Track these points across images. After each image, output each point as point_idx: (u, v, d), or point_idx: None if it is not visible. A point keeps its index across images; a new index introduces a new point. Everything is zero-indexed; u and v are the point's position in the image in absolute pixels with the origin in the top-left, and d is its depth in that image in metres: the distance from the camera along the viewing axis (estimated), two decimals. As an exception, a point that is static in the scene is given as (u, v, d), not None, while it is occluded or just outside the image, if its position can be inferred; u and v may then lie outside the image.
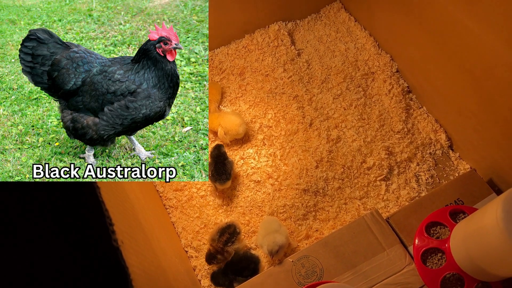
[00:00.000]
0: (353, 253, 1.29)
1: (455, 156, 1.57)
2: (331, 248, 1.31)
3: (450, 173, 1.54)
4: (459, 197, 1.36)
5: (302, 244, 1.43)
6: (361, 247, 1.30)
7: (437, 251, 1.23)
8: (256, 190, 1.52)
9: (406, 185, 1.52)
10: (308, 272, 1.28)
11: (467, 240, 1.06)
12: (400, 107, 1.64)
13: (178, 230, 1.50)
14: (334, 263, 1.29)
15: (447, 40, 1.39)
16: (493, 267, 1.01)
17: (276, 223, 1.39)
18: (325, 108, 1.67)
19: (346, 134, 1.61)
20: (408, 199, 1.48)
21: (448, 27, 1.36)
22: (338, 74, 1.73)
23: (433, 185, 1.52)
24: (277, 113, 1.67)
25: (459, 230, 1.14)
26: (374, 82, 1.72)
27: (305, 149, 1.57)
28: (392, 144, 1.58)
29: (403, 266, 1.26)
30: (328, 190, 1.50)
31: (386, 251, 1.29)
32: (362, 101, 1.67)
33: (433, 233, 1.27)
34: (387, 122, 1.62)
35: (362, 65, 1.76)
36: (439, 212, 1.30)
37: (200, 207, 1.51)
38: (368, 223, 1.33)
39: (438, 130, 1.60)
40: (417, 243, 1.26)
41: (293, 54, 1.79)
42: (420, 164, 1.56)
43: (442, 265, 1.20)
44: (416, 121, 1.64)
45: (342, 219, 1.47)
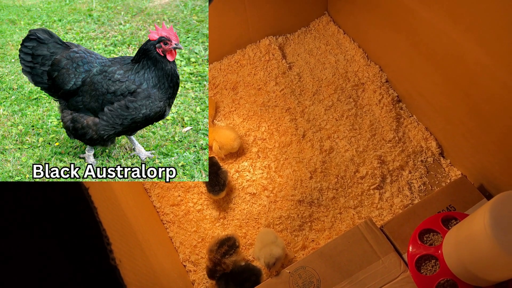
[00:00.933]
0: (349, 262, 1.31)
1: (446, 163, 1.60)
2: (327, 258, 1.33)
3: (441, 180, 1.57)
4: (451, 204, 1.39)
5: (299, 255, 1.45)
6: (356, 256, 1.32)
7: (430, 258, 1.25)
8: (252, 203, 1.54)
9: (399, 193, 1.54)
10: (306, 283, 1.30)
11: (459, 247, 1.08)
12: (391, 117, 1.67)
13: (176, 245, 1.51)
14: (330, 272, 1.30)
15: (433, 51, 1.43)
16: (484, 272, 1.03)
17: (272, 234, 1.41)
18: (317, 119, 1.70)
19: (339, 145, 1.63)
20: (402, 206, 1.51)
21: (434, 38, 1.39)
22: (329, 86, 1.77)
23: (426, 192, 1.55)
24: (270, 126, 1.69)
25: (450, 237, 1.16)
26: (365, 92, 1.76)
27: (299, 160, 1.60)
28: (384, 153, 1.61)
29: (398, 273, 1.28)
30: (322, 200, 1.53)
31: (381, 259, 1.31)
32: (353, 112, 1.70)
33: (426, 240, 1.29)
34: (378, 132, 1.65)
35: (352, 76, 1.79)
36: (431, 219, 1.32)
37: (197, 221, 1.53)
38: (363, 232, 1.35)
39: (428, 138, 1.63)
40: (411, 250, 1.28)
41: (284, 67, 1.83)
42: (412, 171, 1.58)
43: (436, 272, 1.22)
44: (406, 130, 1.67)
45: (337, 228, 1.49)
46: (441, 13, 1.32)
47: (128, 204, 1.14)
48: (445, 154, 1.62)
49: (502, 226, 0.90)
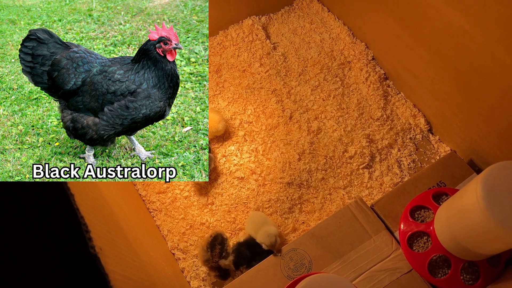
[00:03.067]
0: (340, 243, 1.29)
1: (435, 139, 1.59)
2: (318, 239, 1.31)
3: (431, 157, 1.56)
4: (441, 180, 1.37)
5: (289, 238, 1.43)
6: (347, 236, 1.30)
7: (422, 235, 1.24)
8: (240, 187, 1.50)
9: (389, 171, 1.52)
10: (297, 265, 1.28)
11: (450, 222, 1.07)
12: (378, 94, 1.65)
13: (164, 233, 1.48)
14: (322, 254, 1.28)
15: (419, 25, 1.40)
16: (477, 246, 1.02)
17: (261, 216, 1.39)
18: (304, 100, 1.66)
19: (326, 125, 1.60)
20: (392, 185, 1.49)
21: (419, 12, 1.36)
22: (315, 66, 1.73)
23: (415, 169, 1.53)
24: (256, 108, 1.65)
25: (442, 212, 1.15)
26: (351, 71, 1.72)
27: (286, 142, 1.56)
28: (372, 132, 1.58)
29: (390, 252, 1.26)
30: (312, 182, 1.50)
31: (373, 238, 1.29)
32: (340, 91, 1.67)
33: (417, 217, 1.28)
34: (366, 110, 1.63)
35: (338, 55, 1.76)
36: (422, 196, 1.31)
37: (184, 208, 1.50)
38: (353, 212, 1.33)
39: (417, 115, 1.62)
40: (402, 228, 1.27)
41: (268, 48, 1.78)
42: (401, 149, 1.57)
43: (428, 248, 1.21)
44: (394, 107, 1.65)
45: (327, 209, 1.47)
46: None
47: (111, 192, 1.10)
48: (434, 131, 1.60)
49: (495, 198, 0.88)
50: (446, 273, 1.18)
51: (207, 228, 1.46)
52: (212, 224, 1.46)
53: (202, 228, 1.46)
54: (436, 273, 1.20)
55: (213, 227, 1.46)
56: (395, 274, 1.23)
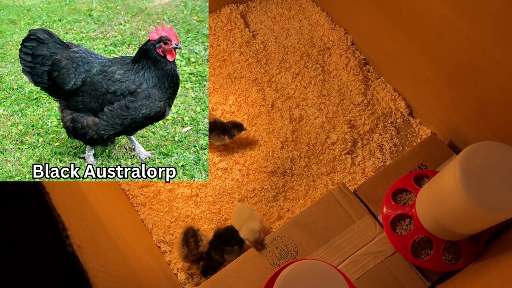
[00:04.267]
0: (325, 229, 1.30)
1: (416, 122, 1.60)
2: (303, 226, 1.31)
3: (412, 140, 1.57)
4: (422, 162, 1.39)
5: (275, 226, 1.43)
6: (331, 222, 1.31)
7: (405, 217, 1.25)
8: (224, 178, 1.50)
9: (371, 156, 1.53)
10: (283, 253, 1.28)
11: (431, 204, 1.08)
12: (359, 80, 1.65)
13: (149, 227, 1.47)
14: (307, 240, 1.29)
15: (397, 10, 1.40)
16: (457, 226, 1.04)
17: (247, 209, 1.38)
18: (285, 88, 1.66)
19: (308, 112, 1.60)
20: (374, 169, 1.51)
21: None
22: (295, 53, 1.72)
23: (397, 153, 1.55)
24: (238, 98, 1.64)
25: (423, 195, 1.17)
26: (331, 57, 1.72)
27: (269, 131, 1.56)
28: (353, 117, 1.59)
29: (374, 235, 1.28)
30: (295, 170, 1.50)
31: (357, 223, 1.30)
32: (321, 78, 1.67)
33: (399, 200, 1.30)
34: (347, 96, 1.63)
35: (317, 41, 1.75)
36: (404, 179, 1.32)
37: (168, 201, 1.49)
38: (337, 198, 1.34)
39: (397, 99, 1.63)
40: (385, 211, 1.29)
41: (248, 36, 1.77)
42: (383, 134, 1.58)
43: (411, 230, 1.23)
44: (375, 92, 1.65)
45: (311, 196, 1.47)
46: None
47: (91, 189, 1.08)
48: (414, 114, 1.61)
49: (472, 179, 0.90)
50: (429, 254, 1.20)
51: (192, 220, 1.46)
52: (197, 216, 1.46)
53: (187, 220, 1.46)
54: (419, 254, 1.22)
55: (198, 219, 1.46)
56: (380, 257, 1.25)
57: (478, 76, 1.22)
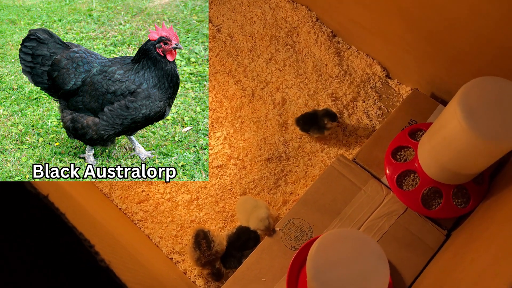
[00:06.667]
0: (334, 202, 1.30)
1: (394, 83, 1.62)
2: (312, 204, 1.31)
3: (395, 100, 1.59)
4: (411, 118, 1.41)
5: (282, 211, 1.42)
6: (338, 194, 1.31)
7: (409, 173, 1.27)
8: (222, 175, 1.47)
9: (359, 123, 1.55)
10: (298, 234, 1.27)
11: (435, 151, 1.09)
12: (331, 53, 1.66)
13: (156, 241, 1.42)
14: (319, 217, 1.29)
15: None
16: (465, 167, 1.06)
17: (250, 200, 1.37)
18: (261, 75, 1.64)
19: (290, 94, 1.60)
20: (366, 135, 1.52)
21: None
22: (263, 39, 1.71)
23: (384, 116, 1.56)
24: (217, 94, 1.62)
25: (424, 146, 1.18)
26: (299, 36, 1.72)
27: (255, 120, 1.55)
28: (334, 90, 1.60)
29: (382, 198, 1.29)
30: (290, 152, 1.50)
31: (363, 189, 1.31)
32: (294, 58, 1.66)
33: (399, 158, 1.31)
34: (323, 71, 1.64)
35: (283, 23, 1.75)
36: (399, 137, 1.34)
37: (170, 211, 1.45)
38: (338, 169, 1.34)
39: (372, 64, 1.64)
40: (388, 172, 1.30)
41: (213, 31, 1.74)
42: (366, 100, 1.59)
43: (418, 184, 1.24)
44: (349, 62, 1.67)
45: (311, 174, 1.47)
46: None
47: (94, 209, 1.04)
48: (392, 75, 1.64)
49: (474, 114, 0.91)
50: (440, 202, 1.22)
51: (198, 225, 1.43)
52: (202, 219, 1.43)
53: (193, 225, 1.42)
54: (430, 206, 1.23)
55: (204, 222, 1.43)
56: (393, 217, 1.26)
57: (448, 23, 1.25)
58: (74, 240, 0.60)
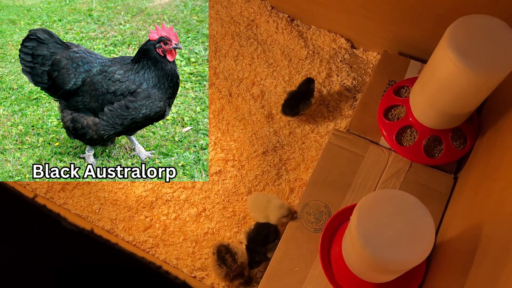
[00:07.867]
0: (342, 176, 1.31)
1: (361, 51, 1.66)
2: (321, 184, 1.31)
3: (366, 67, 1.63)
4: (389, 79, 1.45)
5: (292, 200, 1.41)
6: (344, 167, 1.32)
7: (405, 129, 1.30)
8: (223, 180, 1.44)
9: (341, 97, 1.57)
10: (317, 216, 1.27)
11: (430, 99, 1.13)
12: (294, 36, 1.67)
13: (173, 263, 1.37)
14: (332, 194, 1.29)
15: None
16: (462, 107, 1.10)
17: (260, 196, 1.35)
18: (233, 73, 1.63)
19: (266, 85, 1.60)
20: (350, 107, 1.54)
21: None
22: (225, 38, 1.70)
23: (360, 85, 1.60)
24: (193, 103, 1.58)
25: (416, 98, 1.21)
26: (259, 27, 1.72)
27: (240, 118, 1.53)
28: (308, 71, 1.61)
29: (386, 159, 1.31)
30: (283, 140, 1.49)
31: (365, 156, 1.33)
32: (261, 49, 1.66)
33: (392, 117, 1.34)
34: (292, 55, 1.65)
35: (239, 18, 1.74)
36: (385, 99, 1.37)
37: (180, 229, 1.40)
38: (337, 144, 1.36)
39: (335, 38, 1.67)
40: (385, 133, 1.32)
41: (172, 43, 1.71)
42: (339, 74, 1.62)
43: (417, 137, 1.28)
44: (314, 41, 1.69)
45: (309, 157, 1.47)
46: None
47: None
48: (356, 44, 1.67)
49: (466, 52, 0.94)
50: (441, 149, 1.26)
51: (212, 235, 1.39)
52: (215, 229, 1.39)
53: (208, 237, 1.39)
54: (433, 154, 1.27)
55: (218, 231, 1.39)
56: (401, 175, 1.29)
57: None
58: (137, 267, 0.56)
